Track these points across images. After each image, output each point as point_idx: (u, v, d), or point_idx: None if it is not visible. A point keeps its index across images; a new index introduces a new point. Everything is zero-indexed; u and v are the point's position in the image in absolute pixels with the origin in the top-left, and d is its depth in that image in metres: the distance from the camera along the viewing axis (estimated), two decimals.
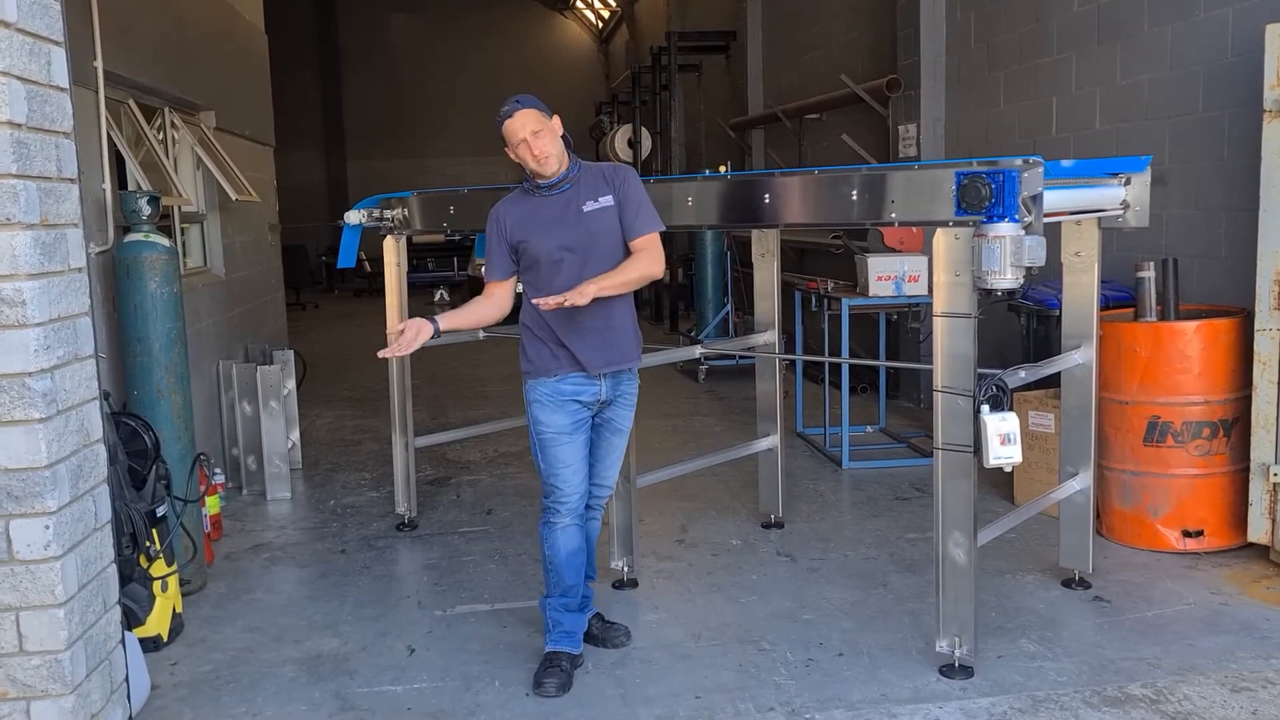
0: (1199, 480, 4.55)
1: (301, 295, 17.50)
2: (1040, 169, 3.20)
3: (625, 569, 4.44)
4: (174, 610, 4.03)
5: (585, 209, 3.57)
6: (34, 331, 2.64)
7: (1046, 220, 3.27)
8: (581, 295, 3.30)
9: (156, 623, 3.90)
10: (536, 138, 3.48)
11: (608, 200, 3.59)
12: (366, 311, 15.69)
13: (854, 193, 3.56)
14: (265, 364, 6.23)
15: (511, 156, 3.59)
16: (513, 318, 3.77)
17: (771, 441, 5.04)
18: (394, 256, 5.27)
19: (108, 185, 4.63)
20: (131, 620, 3.66)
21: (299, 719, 3.38)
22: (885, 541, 4.91)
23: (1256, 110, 4.29)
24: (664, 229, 3.65)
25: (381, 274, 5.39)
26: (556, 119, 3.58)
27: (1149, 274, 4.68)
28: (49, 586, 2.70)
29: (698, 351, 5.46)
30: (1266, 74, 4.18)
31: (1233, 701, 3.28)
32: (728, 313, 10.01)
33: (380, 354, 3.45)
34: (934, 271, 3.38)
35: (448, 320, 3.51)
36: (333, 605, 4.35)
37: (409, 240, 5.41)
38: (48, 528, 2.68)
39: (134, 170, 5.21)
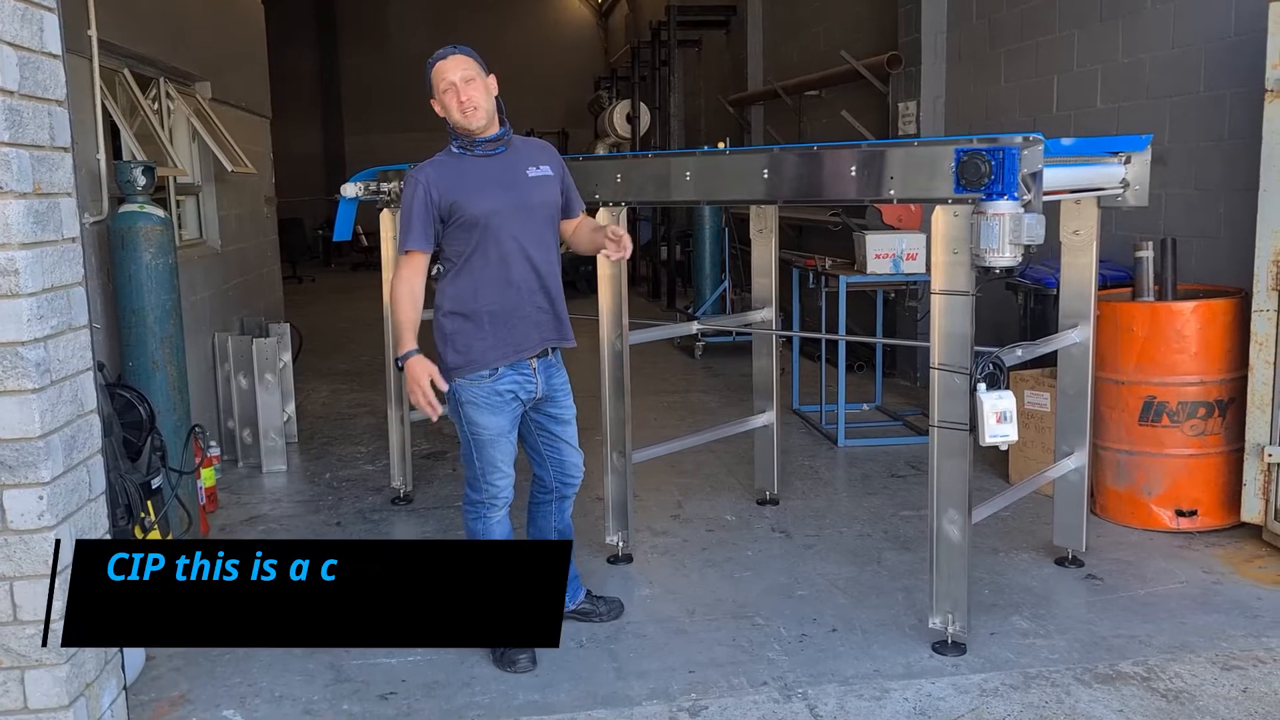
0: (1193, 460, 4.56)
1: (298, 269, 17.43)
2: (1040, 146, 3.19)
3: (620, 544, 4.44)
4: None
5: (530, 174, 3.42)
6: (27, 301, 2.63)
7: (1046, 198, 3.26)
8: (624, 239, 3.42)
9: None
10: (467, 84, 3.27)
11: (547, 171, 3.48)
12: (363, 285, 15.64)
13: (853, 169, 3.55)
14: (261, 337, 6.22)
15: (436, 109, 3.36)
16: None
17: (767, 418, 5.05)
18: (390, 230, 5.24)
19: (102, 155, 4.60)
20: None
21: (294, 690, 3.40)
22: (880, 519, 4.92)
23: (1258, 89, 4.27)
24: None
25: (378, 247, 5.38)
26: (493, 78, 3.40)
27: (1147, 254, 4.67)
28: (43, 556, 2.70)
29: (695, 328, 5.46)
30: (1269, 53, 4.15)
31: (1224, 679, 3.29)
32: (725, 289, 9.99)
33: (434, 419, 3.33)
34: (932, 249, 3.37)
35: (414, 337, 3.33)
36: None
37: None
38: (41, 498, 2.68)
39: (129, 140, 5.18)
